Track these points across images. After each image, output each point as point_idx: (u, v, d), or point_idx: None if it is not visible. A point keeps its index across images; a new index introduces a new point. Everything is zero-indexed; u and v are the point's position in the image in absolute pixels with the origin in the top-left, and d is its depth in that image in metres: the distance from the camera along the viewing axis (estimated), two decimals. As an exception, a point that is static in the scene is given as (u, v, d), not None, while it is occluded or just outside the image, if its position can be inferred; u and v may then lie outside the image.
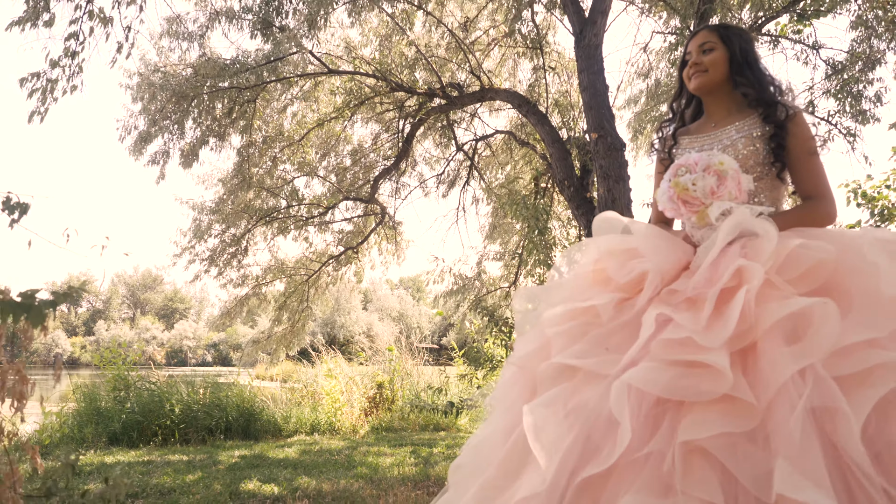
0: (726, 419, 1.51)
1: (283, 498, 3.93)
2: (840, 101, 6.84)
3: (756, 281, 1.66)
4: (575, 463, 1.61)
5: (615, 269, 1.99)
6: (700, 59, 2.28)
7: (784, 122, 2.12)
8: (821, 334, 1.55)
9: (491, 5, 9.02)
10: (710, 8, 6.01)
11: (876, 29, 7.45)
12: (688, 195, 1.99)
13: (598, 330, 1.90)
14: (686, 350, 1.63)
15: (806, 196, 2.11)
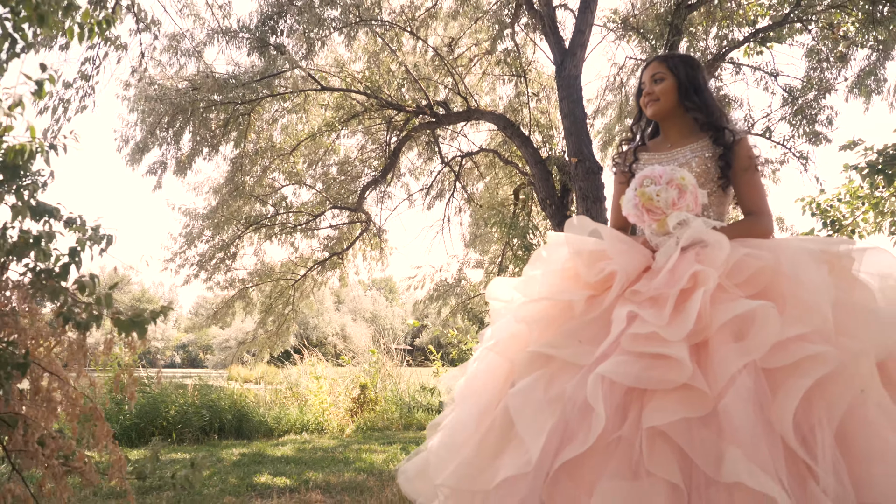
0: (684, 406, 1.71)
1: (297, 488, 4.35)
2: (794, 126, 7.48)
3: (711, 284, 1.88)
4: (556, 446, 1.78)
5: (585, 269, 2.15)
6: (652, 88, 2.49)
7: (731, 145, 2.37)
8: (763, 333, 1.76)
9: (475, 25, 9.51)
10: (678, 40, 6.58)
11: (829, 58, 8.13)
12: (652, 204, 2.19)
13: (571, 323, 2.06)
14: (652, 343, 1.82)
15: (748, 211, 2.37)
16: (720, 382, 1.70)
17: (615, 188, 2.71)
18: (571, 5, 8.24)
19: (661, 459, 1.66)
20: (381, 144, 10.00)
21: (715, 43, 8.04)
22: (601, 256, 2.17)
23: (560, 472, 1.74)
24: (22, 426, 2.15)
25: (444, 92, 9.31)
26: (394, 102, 8.09)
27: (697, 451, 1.65)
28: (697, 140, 2.44)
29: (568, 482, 1.75)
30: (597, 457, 1.73)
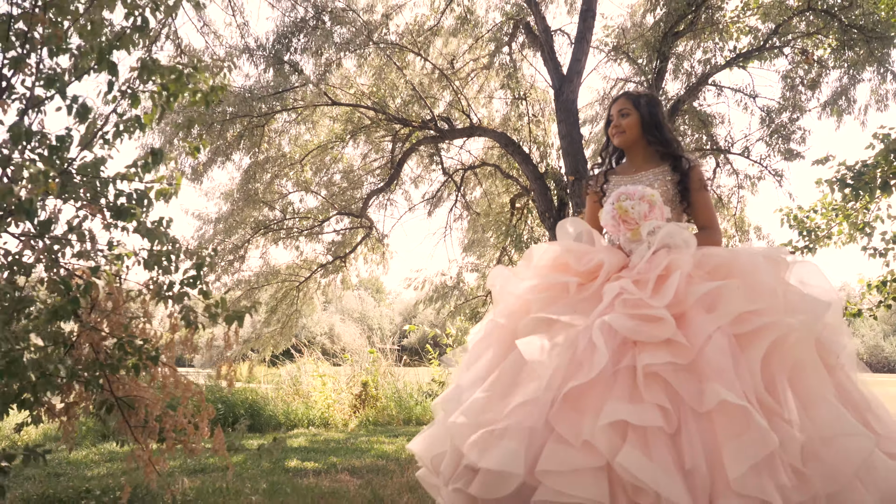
0: (671, 354, 2.03)
1: (327, 471, 4.88)
2: (770, 146, 8.13)
3: (684, 269, 2.23)
4: (563, 376, 2.05)
5: (574, 261, 2.46)
6: (619, 121, 2.84)
7: (687, 171, 2.75)
8: (729, 306, 2.11)
9: (474, 43, 10.09)
10: (665, 65, 7.20)
11: (804, 81, 8.80)
12: (627, 216, 2.51)
13: (567, 299, 2.36)
14: (640, 307, 2.14)
15: (702, 226, 2.78)
16: (698, 341, 2.05)
17: (588, 205, 3.05)
18: (567, 29, 8.84)
19: (655, 391, 1.98)
20: (384, 154, 10.56)
21: (700, 66, 8.67)
22: (588, 251, 2.51)
23: (565, 400, 2.00)
24: (142, 407, 2.69)
25: (446, 108, 9.88)
26: (400, 117, 8.64)
27: (683, 388, 1.99)
28: (658, 166, 2.81)
29: (571, 410, 2.00)
30: (600, 387, 2.01)
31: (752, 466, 1.82)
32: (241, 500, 3.10)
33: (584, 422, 1.96)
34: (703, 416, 1.94)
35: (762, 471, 1.84)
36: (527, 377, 2.12)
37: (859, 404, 2.11)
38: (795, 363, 2.06)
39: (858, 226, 9.02)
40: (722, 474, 1.86)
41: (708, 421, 1.93)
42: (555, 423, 1.98)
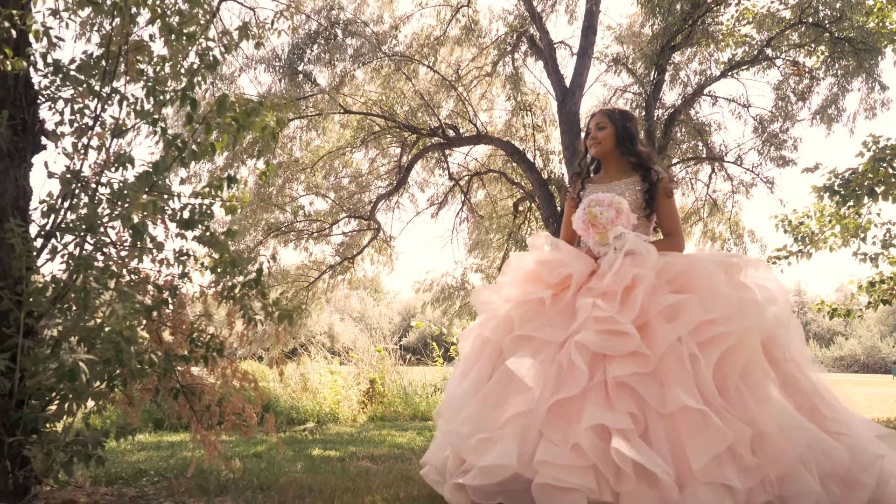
0: (636, 365, 2.31)
1: (350, 457, 5.26)
2: (762, 155, 8.55)
3: (648, 283, 2.48)
4: (551, 390, 2.34)
5: (546, 273, 2.71)
6: (596, 134, 3.09)
7: (655, 182, 2.98)
8: (687, 317, 2.37)
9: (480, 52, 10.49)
10: (662, 78, 7.60)
11: (794, 91, 9.20)
12: (596, 221, 2.74)
13: (544, 314, 2.60)
14: (609, 323, 2.40)
15: (666, 232, 3.01)
16: (660, 350, 2.34)
17: (566, 210, 3.26)
18: (569, 39, 9.22)
19: (624, 399, 2.28)
20: (391, 159, 10.96)
21: (695, 76, 9.08)
22: (559, 263, 2.73)
23: (551, 412, 2.30)
24: (208, 394, 3.08)
25: (453, 116, 10.27)
26: (409, 125, 9.04)
27: (648, 394, 2.29)
28: (630, 176, 3.04)
29: (559, 419, 2.30)
30: (580, 399, 2.32)
31: (713, 458, 2.12)
32: (285, 476, 3.48)
33: (571, 428, 2.27)
34: (666, 416, 2.24)
35: (723, 461, 2.14)
36: (515, 390, 2.41)
37: (808, 392, 2.42)
38: (745, 364, 2.36)
39: (851, 230, 9.39)
40: (687, 466, 2.16)
41: (671, 421, 2.23)
42: (545, 431, 2.28)
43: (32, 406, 2.34)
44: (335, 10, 8.85)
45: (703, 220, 10.87)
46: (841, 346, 49.77)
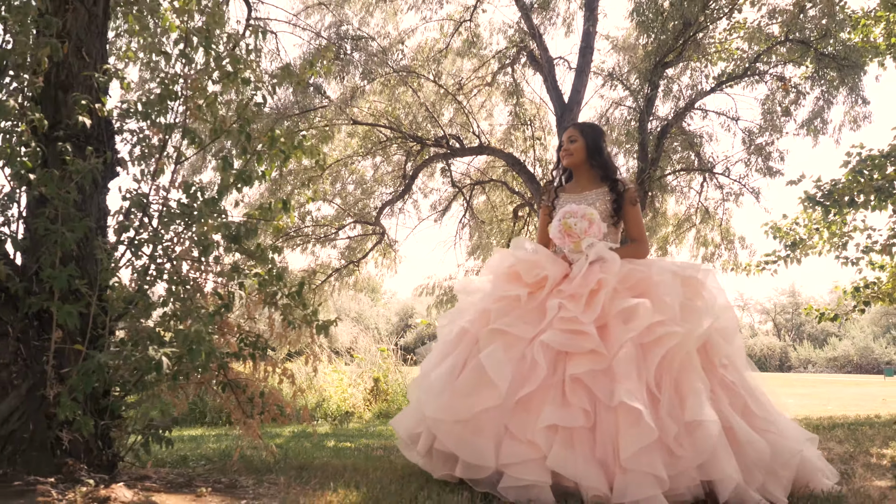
0: (592, 362, 2.55)
1: (364, 448, 5.69)
2: (748, 166, 9.02)
3: (609, 287, 2.73)
4: (516, 387, 2.58)
5: (525, 272, 2.93)
6: (568, 146, 3.28)
7: (622, 193, 3.19)
8: (641, 320, 2.61)
9: (481, 64, 10.96)
10: (655, 94, 8.06)
11: (781, 104, 9.67)
12: (571, 231, 2.98)
13: (519, 310, 2.82)
14: (573, 323, 2.65)
15: (633, 239, 3.23)
16: (614, 349, 2.60)
17: (541, 217, 3.46)
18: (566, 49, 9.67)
19: (578, 394, 2.54)
20: (396, 167, 11.41)
21: (687, 90, 9.55)
22: (537, 265, 2.95)
23: (517, 406, 2.58)
24: (251, 387, 3.52)
25: (456, 127, 10.74)
26: (415, 135, 9.48)
27: (599, 389, 2.53)
28: (600, 187, 3.24)
29: (522, 413, 2.57)
30: (541, 395, 2.57)
31: (641, 449, 2.35)
32: (316, 459, 3.92)
33: (530, 421, 2.55)
34: (611, 409, 2.50)
35: (652, 452, 2.37)
36: (486, 383, 2.65)
37: (741, 394, 2.68)
38: (680, 363, 2.61)
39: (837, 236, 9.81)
40: (618, 457, 2.41)
41: (614, 413, 2.48)
42: (509, 424, 2.57)
43: (115, 395, 2.78)
44: (344, 25, 9.28)
45: (695, 227, 11.33)
46: (834, 346, 50.23)
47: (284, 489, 2.73)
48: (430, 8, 10.47)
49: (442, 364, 2.90)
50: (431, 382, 2.84)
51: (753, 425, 2.59)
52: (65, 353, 2.51)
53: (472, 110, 11.20)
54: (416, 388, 3.04)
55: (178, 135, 3.18)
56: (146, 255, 2.96)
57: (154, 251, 2.94)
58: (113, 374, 2.71)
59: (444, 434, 2.69)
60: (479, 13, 10.72)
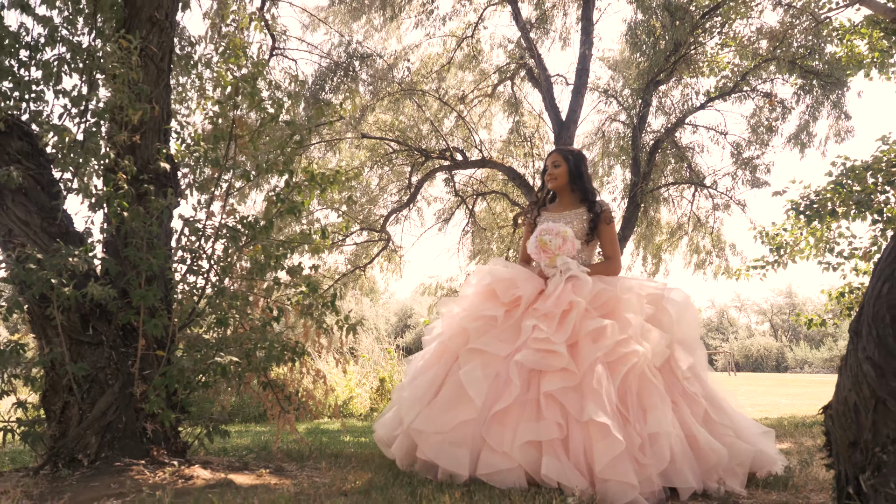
0: (563, 380, 2.74)
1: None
2: (735, 179, 9.55)
3: (580, 308, 2.93)
4: (491, 402, 2.79)
5: (501, 291, 3.13)
6: (553, 171, 3.51)
7: (599, 213, 3.41)
8: (607, 339, 2.82)
9: (483, 78, 11.49)
10: (647, 111, 8.59)
11: (767, 120, 10.20)
12: (546, 247, 3.19)
13: (495, 329, 3.02)
14: (545, 343, 2.82)
15: (606, 256, 3.45)
16: (584, 366, 2.79)
17: (524, 232, 3.69)
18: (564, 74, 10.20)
19: (552, 409, 2.72)
20: (401, 177, 11.94)
21: (679, 105, 10.08)
22: (512, 284, 3.16)
23: (492, 420, 2.77)
24: (288, 386, 4.03)
25: (456, 134, 11.27)
26: (420, 148, 10.01)
27: (570, 405, 2.72)
28: (579, 208, 3.47)
29: (498, 426, 2.77)
30: (516, 410, 2.77)
31: (613, 459, 2.55)
32: (344, 447, 4.43)
33: (506, 434, 2.74)
34: (582, 424, 2.69)
35: (623, 461, 2.57)
36: (464, 399, 2.85)
37: (702, 403, 2.89)
38: (641, 379, 2.85)
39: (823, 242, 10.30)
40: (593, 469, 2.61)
41: (585, 428, 2.68)
42: (486, 436, 2.77)
43: (183, 392, 3.31)
44: (353, 44, 9.80)
45: (688, 235, 11.86)
46: (831, 347, 50.74)
47: (326, 471, 3.24)
48: (433, 25, 11.01)
49: (423, 376, 3.13)
50: (413, 392, 3.07)
51: (713, 431, 2.83)
52: (147, 358, 3.03)
53: (474, 122, 11.74)
54: (398, 393, 3.29)
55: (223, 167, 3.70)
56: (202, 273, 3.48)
57: (209, 270, 3.46)
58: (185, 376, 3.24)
59: (425, 444, 2.89)
60: (481, 29, 11.27)
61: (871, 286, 2.18)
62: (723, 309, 67.98)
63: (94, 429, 2.80)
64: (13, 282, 2.62)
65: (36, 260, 2.55)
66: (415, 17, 10.51)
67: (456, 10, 10.75)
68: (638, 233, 10.99)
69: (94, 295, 2.64)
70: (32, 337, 3.13)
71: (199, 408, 3.58)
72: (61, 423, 2.87)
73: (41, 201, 2.93)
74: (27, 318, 2.95)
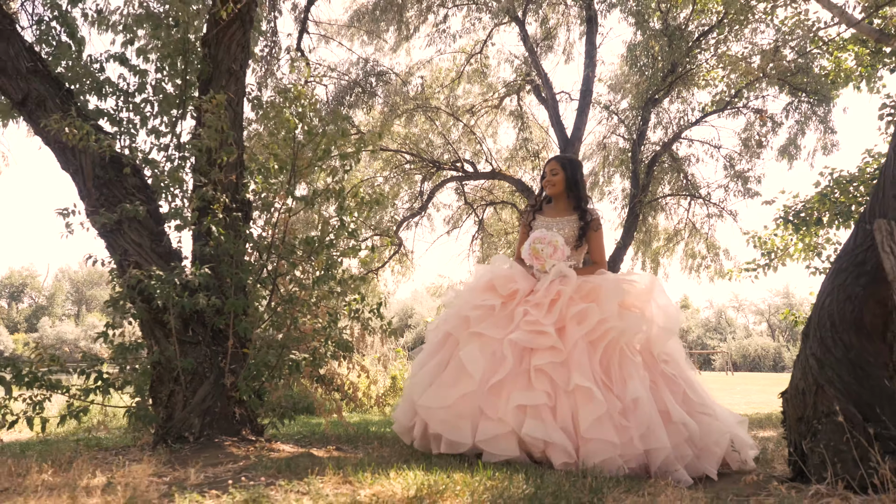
0: (552, 355, 3.07)
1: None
2: (728, 191, 10.23)
3: (566, 297, 3.27)
4: (488, 376, 3.09)
5: (500, 286, 3.45)
6: (550, 178, 3.75)
7: (589, 221, 3.65)
8: (589, 320, 3.16)
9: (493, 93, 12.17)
10: (645, 128, 9.26)
11: (758, 134, 10.88)
12: (538, 255, 3.48)
13: (493, 317, 3.32)
14: (536, 325, 3.16)
15: (594, 261, 3.68)
16: (570, 344, 3.12)
17: (521, 233, 3.95)
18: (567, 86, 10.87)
19: (542, 381, 3.05)
20: (411, 184, 12.62)
21: (676, 119, 10.76)
22: (511, 279, 3.49)
23: (489, 391, 3.08)
24: (338, 380, 4.71)
25: (464, 143, 11.95)
26: (434, 160, 10.68)
27: (558, 377, 3.05)
28: (572, 215, 3.71)
29: (493, 397, 3.08)
30: (510, 382, 3.09)
31: (595, 419, 2.89)
32: (388, 433, 5.08)
33: (500, 402, 3.06)
34: (569, 392, 3.02)
35: (604, 423, 2.90)
36: (465, 374, 3.17)
37: (681, 385, 3.18)
38: (621, 353, 3.19)
39: (811, 247, 10.93)
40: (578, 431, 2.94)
41: (571, 396, 3.02)
42: (483, 406, 3.07)
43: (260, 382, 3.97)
44: (370, 63, 10.47)
45: (684, 241, 12.53)
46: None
47: (379, 448, 3.90)
48: (444, 41, 11.68)
49: (429, 362, 3.41)
50: (421, 377, 3.35)
51: (692, 409, 3.11)
52: (234, 355, 3.70)
53: (481, 131, 12.43)
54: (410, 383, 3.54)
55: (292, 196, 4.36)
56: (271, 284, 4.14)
57: (275, 279, 4.13)
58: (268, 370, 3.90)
59: (432, 419, 3.20)
60: (489, 46, 11.94)
61: (817, 300, 2.85)
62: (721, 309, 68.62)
63: (197, 412, 3.46)
64: (141, 293, 3.28)
65: (158, 277, 3.21)
66: (426, 36, 11.18)
67: (466, 28, 11.42)
68: (637, 239, 11.66)
69: (200, 304, 3.30)
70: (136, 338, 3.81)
71: (269, 397, 4.25)
72: (167, 408, 3.53)
73: (150, 226, 3.59)
74: (138, 323, 3.61)
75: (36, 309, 78.81)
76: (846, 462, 2.37)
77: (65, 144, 3.45)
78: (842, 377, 2.54)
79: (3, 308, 78.51)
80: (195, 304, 3.30)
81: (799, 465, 2.63)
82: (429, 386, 3.25)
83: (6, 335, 68.17)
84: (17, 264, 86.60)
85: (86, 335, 70.04)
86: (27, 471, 2.70)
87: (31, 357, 3.35)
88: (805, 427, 2.62)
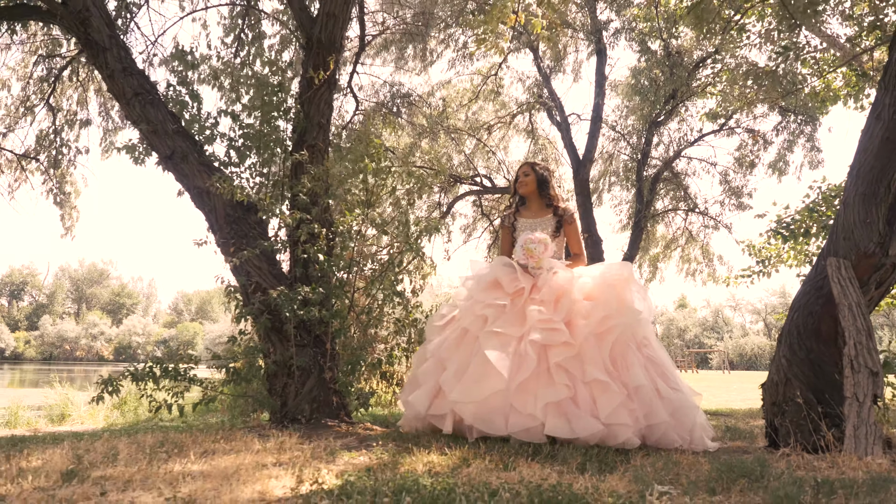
0: (566, 350, 3.33)
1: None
2: (723, 205, 11.23)
3: (570, 294, 3.57)
4: (514, 374, 3.31)
5: (506, 284, 3.73)
6: (523, 179, 4.11)
7: (562, 217, 4.03)
8: (594, 315, 3.44)
9: (507, 113, 13.14)
10: (648, 149, 10.25)
11: (750, 152, 11.87)
12: (531, 253, 3.79)
13: (506, 315, 3.56)
14: (549, 323, 3.41)
15: (574, 254, 4.05)
16: (580, 338, 3.40)
17: (504, 235, 4.26)
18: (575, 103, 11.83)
19: (560, 375, 3.32)
20: (431, 196, 13.60)
21: (676, 139, 11.75)
22: (515, 279, 3.76)
23: (517, 389, 3.31)
24: (396, 375, 5.65)
25: (481, 162, 12.92)
26: (455, 175, 11.65)
27: (575, 370, 3.33)
28: (547, 214, 4.07)
29: (522, 394, 3.31)
30: (534, 380, 3.34)
31: (614, 408, 3.20)
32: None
33: (528, 399, 3.29)
34: (586, 384, 3.30)
35: (619, 409, 3.22)
36: (491, 372, 3.34)
37: (659, 366, 3.56)
38: (624, 344, 3.48)
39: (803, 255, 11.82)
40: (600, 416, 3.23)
41: (589, 386, 3.32)
42: (514, 403, 3.30)
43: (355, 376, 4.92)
44: (395, 86, 11.43)
45: (681, 247, 13.53)
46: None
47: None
48: (462, 64, 12.66)
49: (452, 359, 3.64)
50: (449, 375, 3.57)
51: (668, 386, 3.53)
52: (331, 354, 4.66)
53: (495, 144, 13.41)
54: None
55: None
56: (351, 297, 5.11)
57: (353, 293, 5.09)
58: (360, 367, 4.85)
59: (465, 412, 3.46)
60: (504, 68, 12.93)
61: (788, 314, 3.80)
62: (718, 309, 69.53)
63: (307, 400, 4.42)
64: (268, 307, 4.25)
65: (286, 295, 4.17)
66: (447, 61, 12.14)
67: (483, 52, 12.38)
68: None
69: (315, 315, 4.27)
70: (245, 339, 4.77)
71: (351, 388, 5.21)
72: (281, 397, 4.49)
73: (268, 254, 4.55)
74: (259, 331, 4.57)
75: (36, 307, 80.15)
76: (804, 432, 3.33)
77: (202, 189, 4.41)
78: (804, 372, 3.48)
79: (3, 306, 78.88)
80: (311, 315, 4.26)
81: (772, 436, 3.60)
82: (458, 382, 3.52)
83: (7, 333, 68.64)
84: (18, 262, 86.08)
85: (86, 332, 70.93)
86: (211, 439, 3.64)
87: (178, 353, 4.31)
88: (777, 409, 3.59)
